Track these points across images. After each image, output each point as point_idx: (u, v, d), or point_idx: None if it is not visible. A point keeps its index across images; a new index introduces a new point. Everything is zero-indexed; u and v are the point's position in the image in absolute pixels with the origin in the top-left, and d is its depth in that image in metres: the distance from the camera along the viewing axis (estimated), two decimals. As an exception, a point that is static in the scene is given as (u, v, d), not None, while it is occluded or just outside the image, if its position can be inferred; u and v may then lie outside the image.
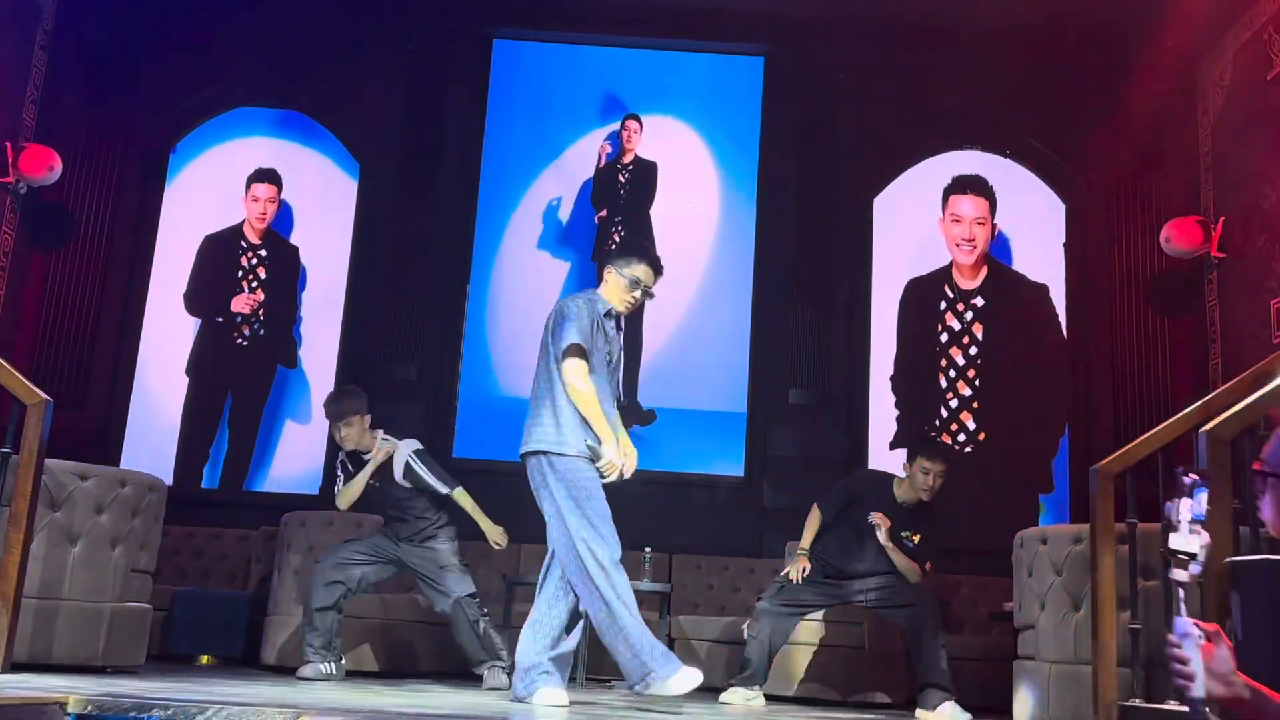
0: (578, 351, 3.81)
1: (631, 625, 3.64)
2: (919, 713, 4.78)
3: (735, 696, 4.85)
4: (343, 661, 4.93)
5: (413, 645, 5.78)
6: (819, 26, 7.54)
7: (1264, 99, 6.03)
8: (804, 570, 4.97)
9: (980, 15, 7.25)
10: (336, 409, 5.10)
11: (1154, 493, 3.70)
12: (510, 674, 4.36)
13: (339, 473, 5.14)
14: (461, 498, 5.07)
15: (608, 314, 3.99)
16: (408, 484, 5.00)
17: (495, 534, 5.12)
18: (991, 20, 7.27)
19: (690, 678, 3.58)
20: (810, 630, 5.58)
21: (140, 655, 4.45)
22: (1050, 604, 4.13)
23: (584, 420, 3.82)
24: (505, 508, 7.09)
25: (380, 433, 5.10)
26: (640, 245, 4.16)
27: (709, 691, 5.50)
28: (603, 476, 3.81)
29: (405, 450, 5.02)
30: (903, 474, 5.10)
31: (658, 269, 4.05)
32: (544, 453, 3.83)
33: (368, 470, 5.00)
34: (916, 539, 5.01)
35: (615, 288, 4.02)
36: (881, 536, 4.93)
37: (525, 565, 6.81)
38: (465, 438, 7.33)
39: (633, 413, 7.05)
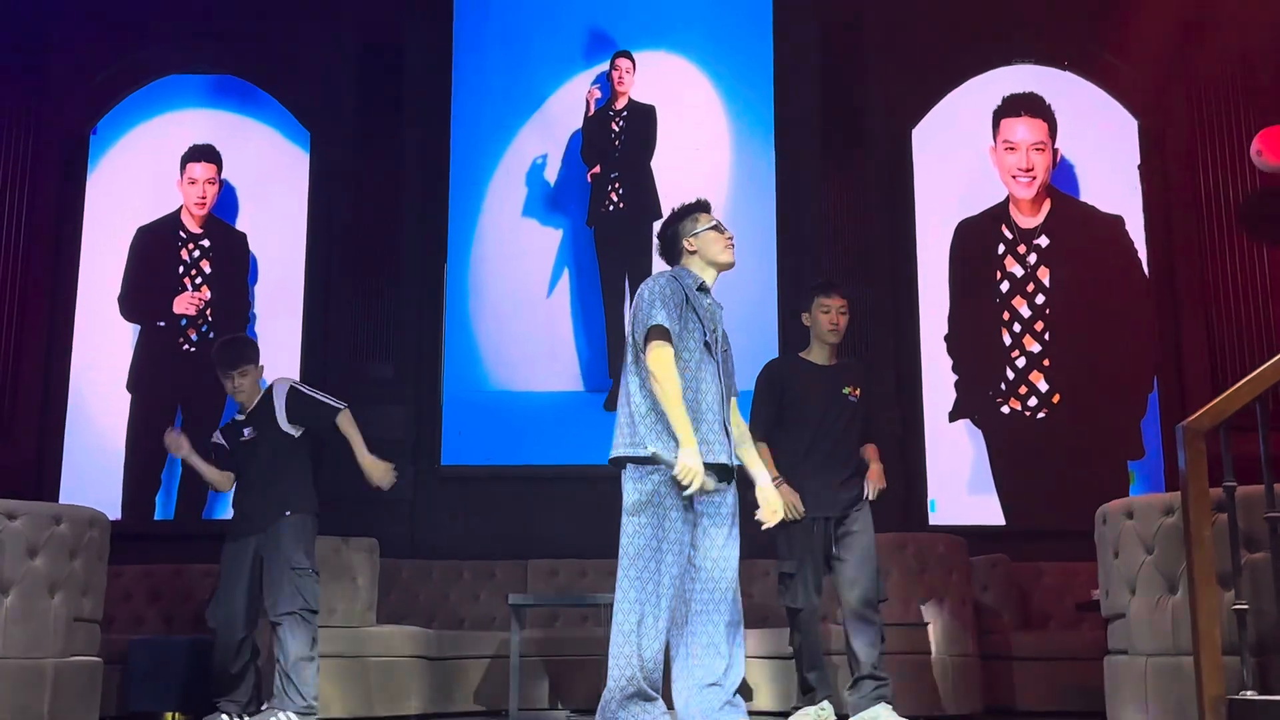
0: (660, 334, 3.80)
1: (646, 652, 3.74)
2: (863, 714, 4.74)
3: (805, 718, 4.85)
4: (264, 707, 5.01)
5: (402, 682, 5.81)
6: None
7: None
8: (792, 503, 4.74)
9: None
10: (231, 355, 5.19)
11: (1257, 449, 3.69)
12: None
13: (213, 455, 5.25)
14: (346, 421, 5.12)
15: (701, 288, 4.02)
16: (292, 427, 5.09)
17: (379, 471, 5.11)
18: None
19: None
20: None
21: (93, 714, 4.48)
22: (1141, 588, 4.12)
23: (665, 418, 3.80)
24: (503, 517, 7.21)
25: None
26: (685, 207, 4.18)
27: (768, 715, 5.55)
28: (682, 488, 3.72)
29: (284, 384, 5.17)
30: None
31: (703, 205, 4.16)
32: (619, 459, 3.84)
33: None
34: (857, 393, 5.02)
35: (704, 246, 4.07)
36: (871, 491, 4.95)
37: (533, 583, 6.86)
38: (454, 442, 7.36)
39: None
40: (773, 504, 4.02)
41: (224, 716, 4.98)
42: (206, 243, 7.64)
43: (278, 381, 5.22)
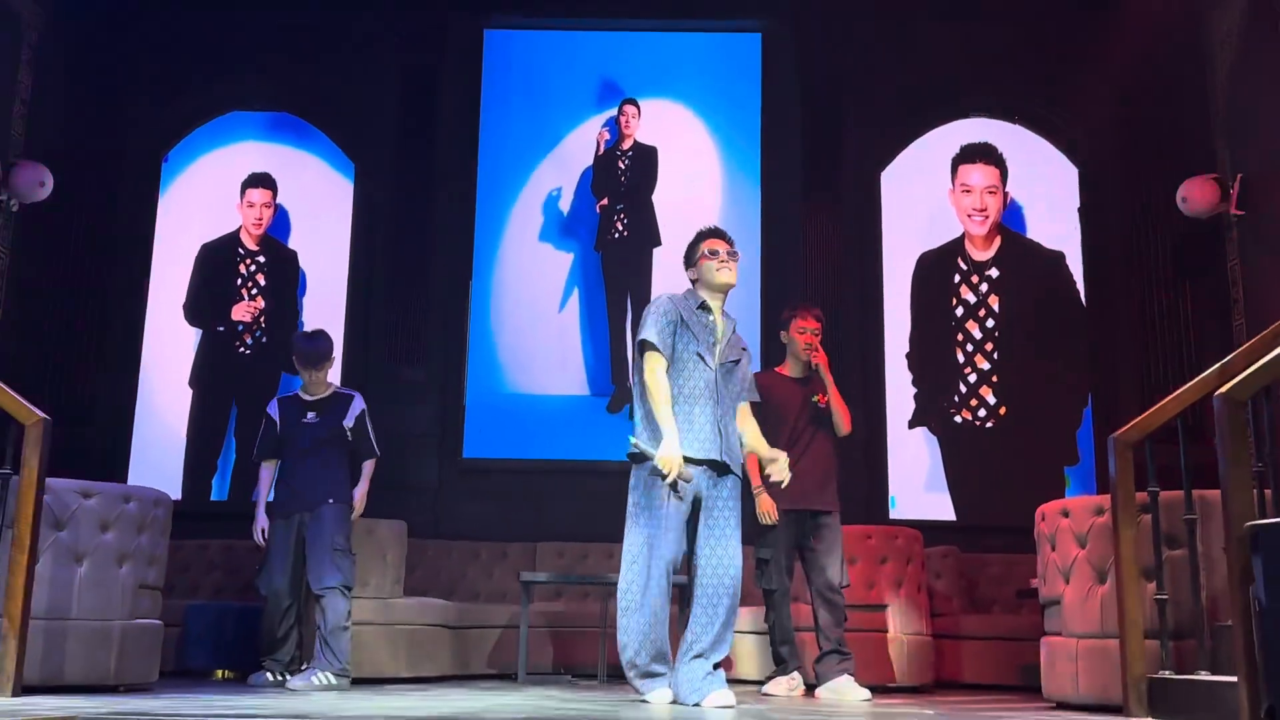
0: (647, 347, 3.92)
1: (646, 621, 3.80)
2: (827, 685, 4.74)
3: (777, 688, 4.89)
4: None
5: (425, 648, 5.80)
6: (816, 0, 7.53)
7: (1275, 52, 5.98)
8: (769, 509, 4.89)
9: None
10: (320, 351, 5.20)
11: (1177, 459, 3.69)
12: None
13: (272, 422, 5.23)
14: (371, 465, 5.24)
15: (702, 306, 4.04)
16: (350, 429, 5.14)
17: (360, 507, 5.22)
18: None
19: (659, 697, 3.82)
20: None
21: (153, 673, 4.48)
22: (1075, 578, 4.13)
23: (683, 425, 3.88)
24: (516, 505, 7.21)
25: (334, 384, 5.31)
26: (695, 236, 4.22)
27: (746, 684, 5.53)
28: (662, 476, 3.79)
29: (361, 402, 5.24)
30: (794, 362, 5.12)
31: (718, 234, 4.16)
32: (630, 455, 3.96)
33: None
34: (826, 400, 5.03)
35: (702, 272, 4.09)
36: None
37: (541, 563, 6.85)
38: (474, 437, 7.36)
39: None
40: (780, 464, 4.05)
41: (268, 674, 4.98)
42: (262, 259, 7.63)
43: (358, 396, 5.26)
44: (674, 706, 3.73)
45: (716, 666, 3.84)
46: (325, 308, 7.55)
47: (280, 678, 4.95)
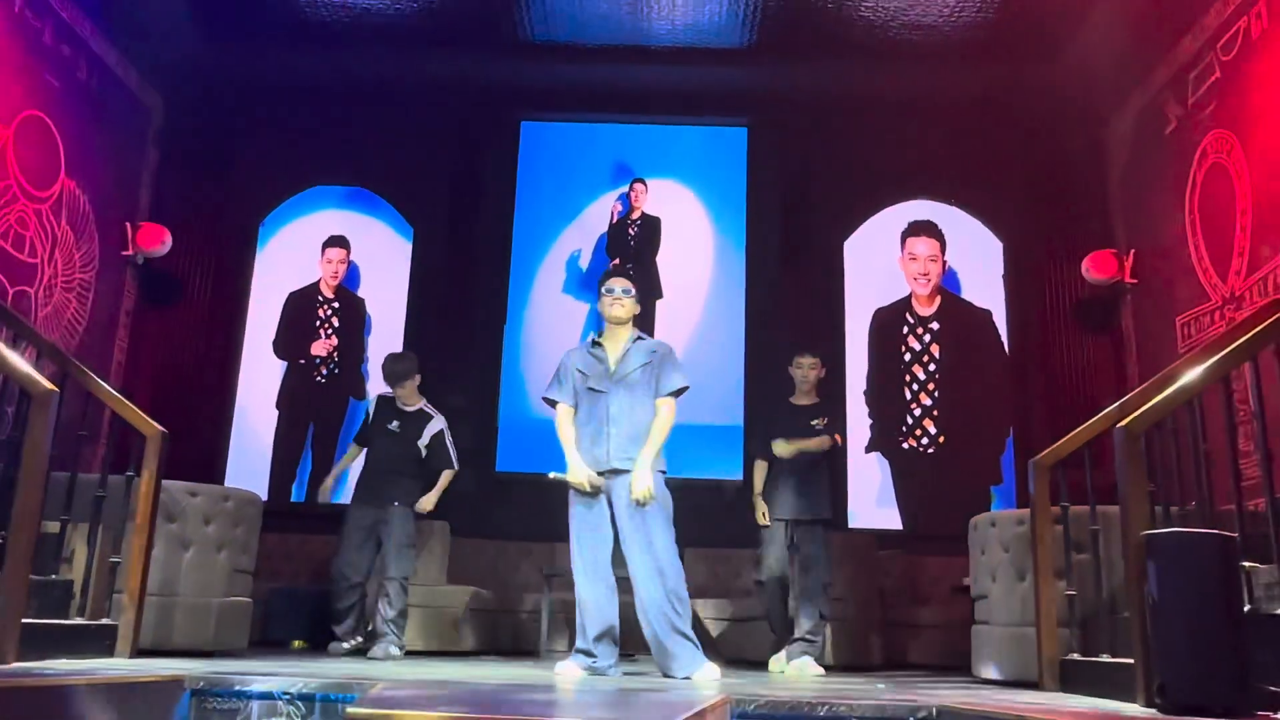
0: (549, 402, 4.06)
1: (583, 615, 3.84)
2: (791, 663, 4.71)
3: (779, 665, 4.83)
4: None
5: (463, 628, 5.79)
6: (792, 103, 7.61)
7: (1162, 151, 6.07)
8: (764, 511, 5.01)
9: (927, 90, 7.35)
10: (392, 369, 5.26)
11: (1083, 479, 3.73)
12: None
13: (372, 414, 5.26)
14: (448, 476, 5.24)
15: (594, 343, 4.03)
16: (423, 448, 5.15)
17: (429, 507, 5.21)
18: (937, 95, 7.38)
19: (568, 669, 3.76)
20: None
21: (243, 641, 4.50)
22: (1000, 576, 4.14)
23: (584, 448, 3.95)
24: (541, 510, 7.17)
25: (423, 400, 5.31)
26: (602, 275, 4.22)
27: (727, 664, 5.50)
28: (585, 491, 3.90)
29: (440, 422, 5.26)
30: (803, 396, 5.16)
31: (618, 273, 4.16)
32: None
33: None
34: (824, 422, 5.06)
35: (602, 309, 4.08)
36: (785, 449, 4.94)
37: (559, 559, 6.83)
38: (505, 454, 7.36)
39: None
40: (635, 488, 3.82)
41: (343, 645, 4.94)
42: (336, 304, 7.67)
43: (439, 417, 5.28)
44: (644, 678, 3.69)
45: (692, 642, 3.77)
46: (386, 345, 7.48)
47: (348, 645, 4.91)
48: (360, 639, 5.00)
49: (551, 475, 3.99)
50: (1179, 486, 3.29)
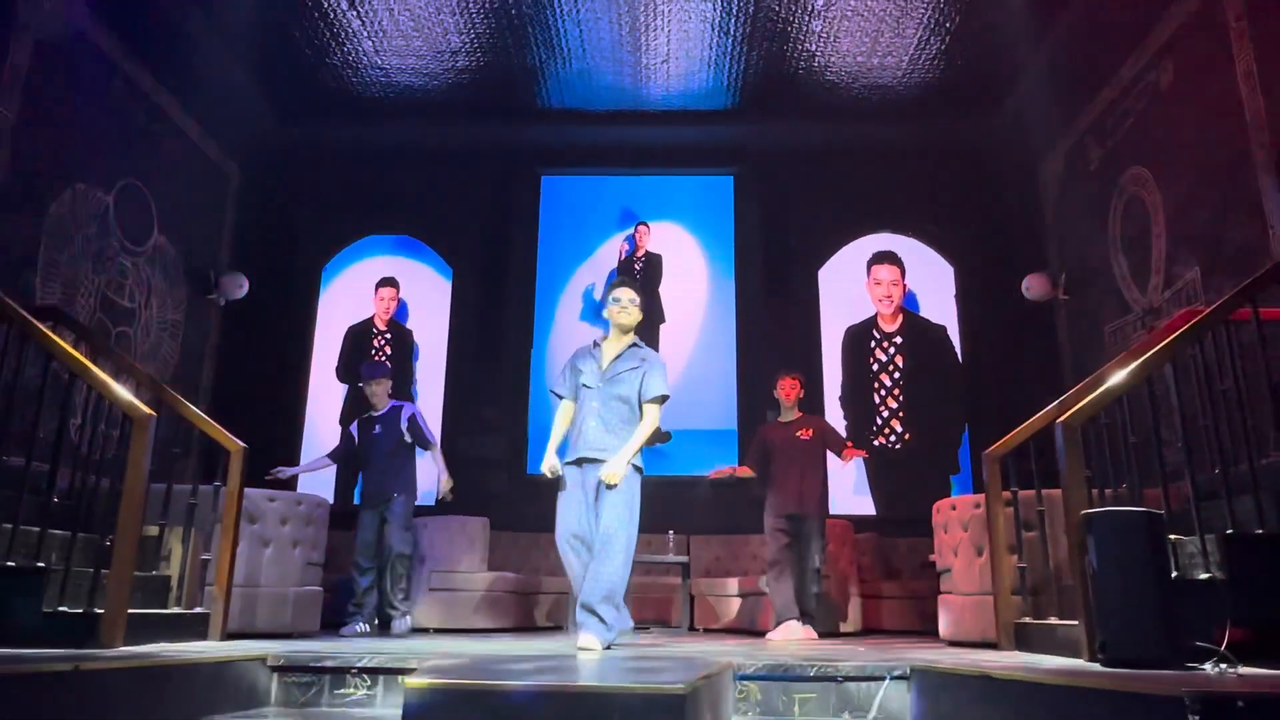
0: (554, 395, 3.86)
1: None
2: (785, 630, 4.67)
3: (776, 634, 4.75)
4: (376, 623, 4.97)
5: (500, 608, 5.77)
6: (771, 153, 7.66)
7: (1088, 184, 6.08)
8: (732, 473, 5.06)
9: (886, 139, 7.38)
10: (372, 371, 5.21)
11: (1029, 467, 3.71)
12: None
13: (351, 437, 5.14)
14: (436, 451, 5.11)
15: (596, 344, 3.82)
16: (406, 431, 5.06)
17: (446, 486, 5.09)
18: (894, 143, 7.41)
19: (585, 642, 3.44)
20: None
21: (315, 624, 4.49)
22: (960, 553, 4.12)
23: (573, 438, 3.73)
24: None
25: (390, 399, 5.22)
26: (611, 283, 3.95)
27: (725, 633, 5.47)
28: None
29: (411, 408, 5.15)
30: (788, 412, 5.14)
31: (625, 283, 3.81)
32: None
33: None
34: (809, 433, 5.01)
35: (609, 314, 3.81)
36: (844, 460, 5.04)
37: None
38: (535, 458, 7.35)
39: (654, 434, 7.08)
40: (604, 470, 3.56)
41: (360, 625, 4.82)
42: (388, 335, 7.69)
43: (406, 404, 5.22)
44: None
45: (601, 617, 3.45)
46: (432, 369, 7.60)
47: (367, 627, 4.82)
48: (376, 622, 4.93)
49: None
50: (1111, 472, 3.28)
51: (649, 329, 7.54)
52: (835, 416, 7.32)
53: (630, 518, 3.57)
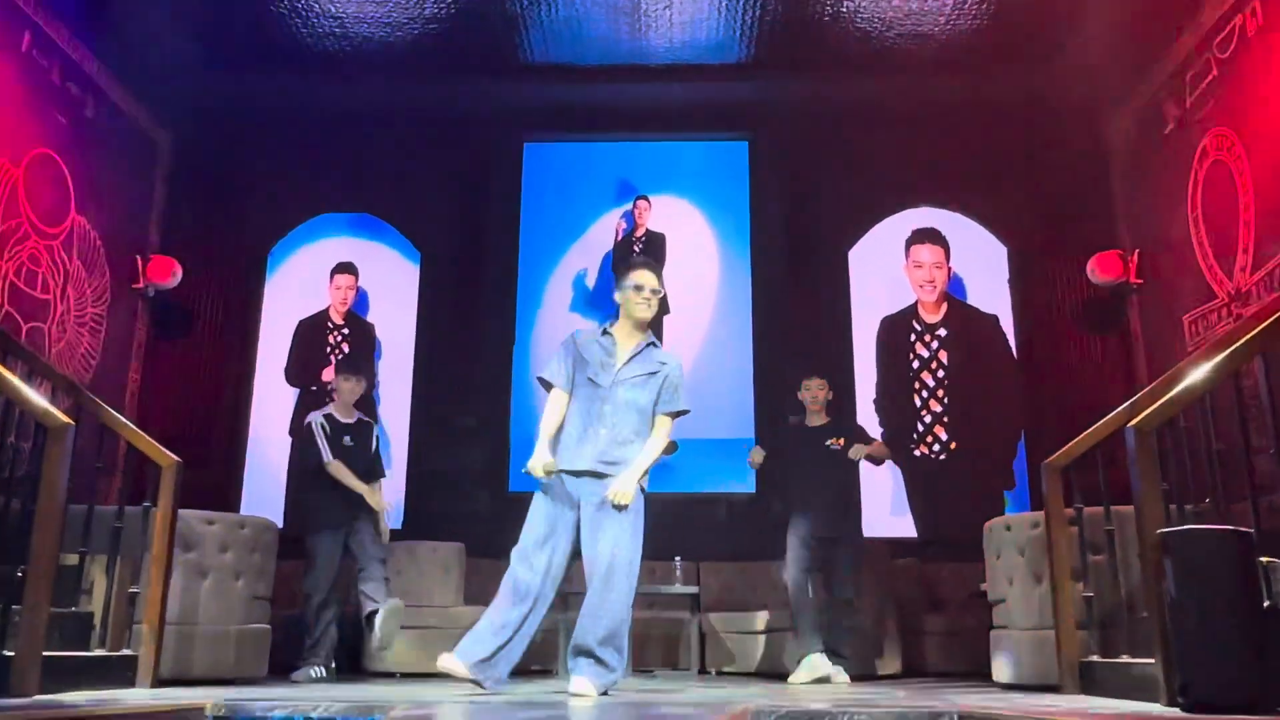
0: (541, 383, 3.76)
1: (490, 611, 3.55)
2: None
3: (797, 677, 4.75)
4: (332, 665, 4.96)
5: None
6: (791, 115, 7.64)
7: (1162, 152, 6.07)
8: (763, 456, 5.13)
9: (926, 98, 7.37)
10: (356, 368, 5.29)
11: (1096, 480, 3.71)
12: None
13: (320, 440, 5.08)
14: (378, 487, 5.16)
15: (605, 332, 3.76)
16: (374, 444, 5.18)
17: (385, 529, 5.16)
18: (936, 101, 7.38)
19: (579, 687, 3.41)
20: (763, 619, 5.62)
21: (263, 668, 4.50)
22: (1017, 580, 4.12)
23: (568, 442, 3.66)
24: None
25: (358, 410, 5.30)
26: (629, 263, 3.81)
27: (746, 677, 5.47)
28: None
29: (378, 428, 5.31)
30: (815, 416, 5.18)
31: (649, 267, 3.76)
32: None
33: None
34: (840, 443, 5.04)
35: (625, 302, 3.74)
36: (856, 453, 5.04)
37: (574, 579, 6.80)
38: (518, 473, 7.29)
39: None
40: (612, 489, 3.56)
41: (313, 671, 4.78)
42: (346, 330, 7.67)
43: (375, 422, 5.29)
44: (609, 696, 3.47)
45: (600, 659, 3.44)
46: (397, 369, 7.58)
47: (323, 671, 4.79)
48: (334, 665, 4.91)
49: (525, 469, 3.73)
50: (1192, 484, 3.28)
51: (652, 321, 7.50)
52: (869, 422, 7.31)
53: (636, 544, 3.57)
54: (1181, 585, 2.69)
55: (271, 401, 7.50)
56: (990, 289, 7.47)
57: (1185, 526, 2.83)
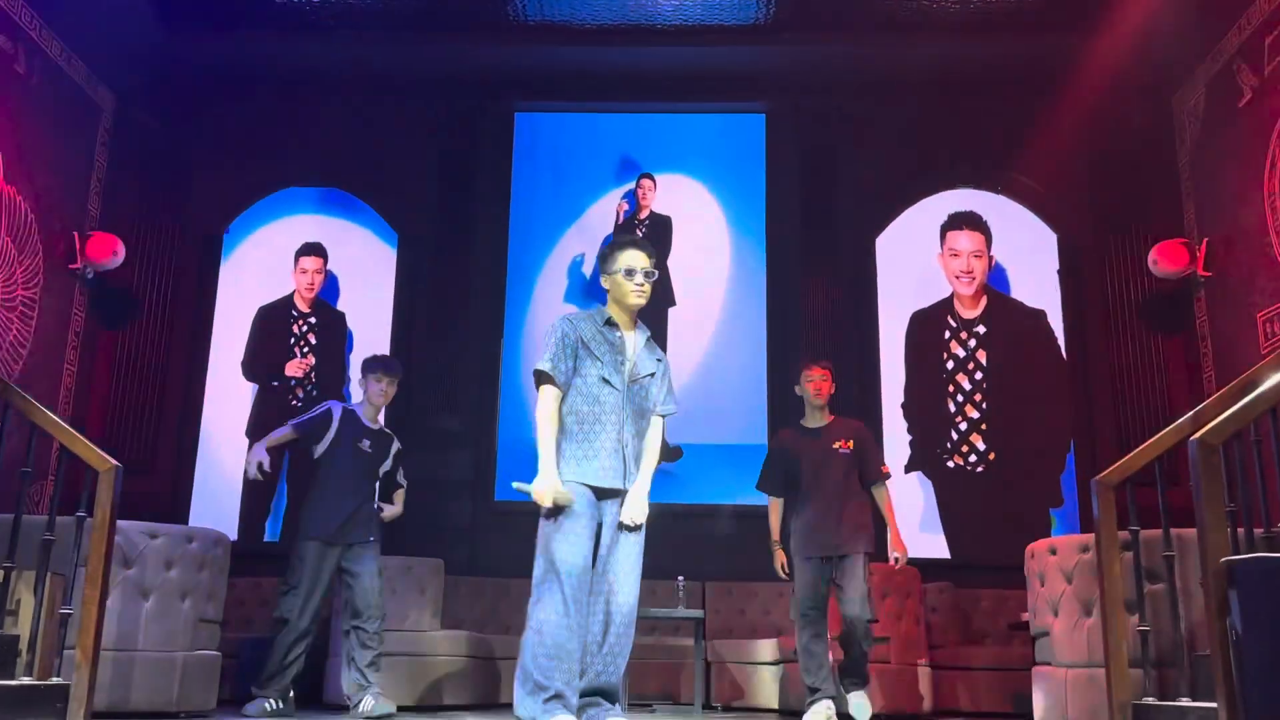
0: (541, 378, 3.51)
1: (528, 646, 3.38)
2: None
3: (814, 717, 4.74)
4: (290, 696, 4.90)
5: (442, 679, 5.75)
6: (814, 83, 7.61)
7: (1237, 126, 6.03)
8: (782, 564, 5.00)
9: (966, 67, 7.33)
10: (392, 368, 5.25)
11: (1155, 500, 3.67)
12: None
13: (331, 428, 5.07)
14: (402, 492, 5.29)
15: (609, 323, 3.60)
16: (390, 462, 5.20)
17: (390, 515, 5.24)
18: (977, 71, 7.34)
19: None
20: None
21: (212, 700, 4.48)
22: (1063, 611, 4.08)
23: (578, 453, 3.47)
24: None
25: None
26: (614, 242, 3.62)
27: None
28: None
29: (398, 443, 5.33)
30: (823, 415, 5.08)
31: (641, 247, 3.60)
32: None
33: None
34: (848, 445, 4.95)
35: (616, 289, 3.58)
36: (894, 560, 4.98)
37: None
38: (506, 482, 7.32)
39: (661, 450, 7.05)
40: (628, 510, 3.50)
41: (270, 703, 4.71)
42: (313, 320, 7.68)
43: (396, 439, 5.32)
44: None
45: (611, 700, 3.43)
46: (369, 364, 7.59)
47: (279, 705, 4.73)
48: (291, 695, 4.87)
49: (516, 485, 3.55)
50: (1264, 506, 3.24)
51: (654, 314, 7.52)
52: (897, 429, 7.29)
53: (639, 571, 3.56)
54: (1249, 620, 2.66)
55: (226, 398, 7.49)
56: (1036, 281, 7.46)
57: (1255, 554, 2.79)
